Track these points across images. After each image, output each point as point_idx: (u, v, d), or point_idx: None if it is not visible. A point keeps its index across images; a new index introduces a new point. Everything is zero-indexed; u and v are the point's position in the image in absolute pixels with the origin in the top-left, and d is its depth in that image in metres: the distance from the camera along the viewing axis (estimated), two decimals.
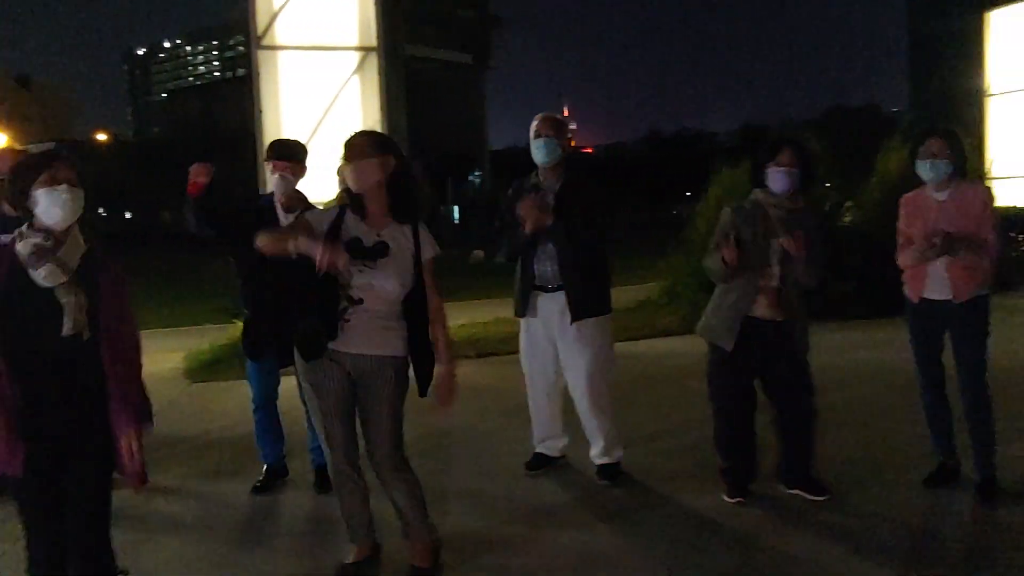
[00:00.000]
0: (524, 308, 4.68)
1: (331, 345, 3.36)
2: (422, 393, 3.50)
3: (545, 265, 4.55)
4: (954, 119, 16.88)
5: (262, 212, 4.45)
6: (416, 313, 3.45)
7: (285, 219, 4.38)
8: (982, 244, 4.07)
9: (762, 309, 4.16)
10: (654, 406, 6.33)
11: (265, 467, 4.81)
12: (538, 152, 4.58)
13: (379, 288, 3.35)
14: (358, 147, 3.40)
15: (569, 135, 4.80)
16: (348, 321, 3.36)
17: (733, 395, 4.33)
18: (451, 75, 61.52)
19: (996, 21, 15.09)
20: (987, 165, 15.09)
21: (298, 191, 4.61)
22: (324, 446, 3.57)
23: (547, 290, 4.57)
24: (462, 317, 10.66)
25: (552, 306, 4.57)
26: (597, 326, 4.59)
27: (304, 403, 3.68)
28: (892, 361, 6.80)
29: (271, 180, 4.56)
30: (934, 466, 4.42)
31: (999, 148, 15.01)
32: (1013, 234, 13.32)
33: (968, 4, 18.52)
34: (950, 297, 4.15)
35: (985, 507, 4.10)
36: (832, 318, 9.19)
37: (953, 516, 4.08)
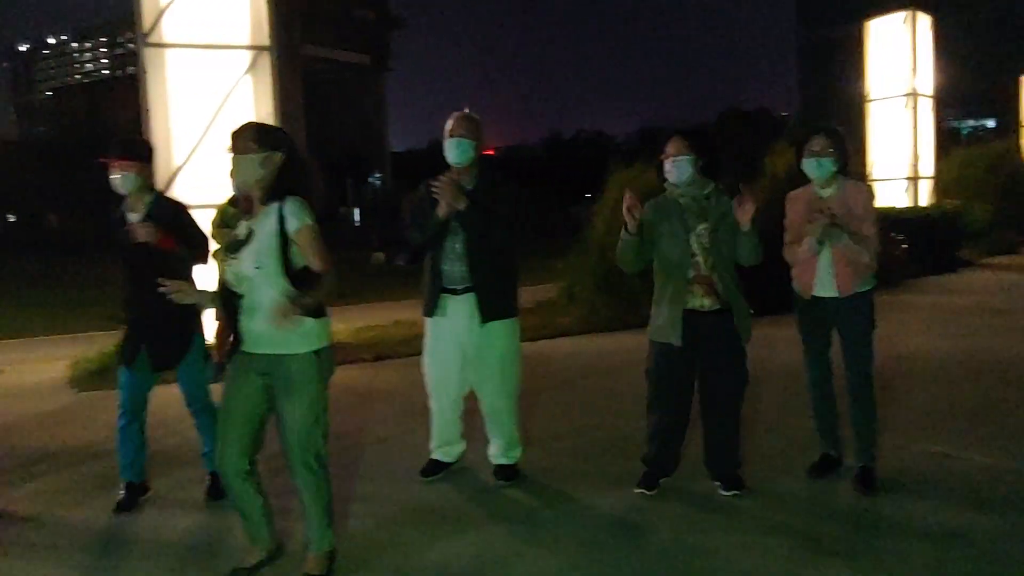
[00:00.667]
0: (432, 308, 4.61)
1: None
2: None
3: (454, 266, 4.49)
4: (839, 123, 17.49)
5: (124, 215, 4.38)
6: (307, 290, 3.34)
7: (132, 219, 4.30)
8: (863, 239, 4.21)
9: (699, 300, 4.21)
10: (554, 406, 6.37)
11: (126, 484, 4.51)
12: (451, 152, 4.51)
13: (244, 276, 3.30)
14: (241, 139, 3.34)
15: (484, 136, 4.73)
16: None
17: (678, 390, 4.35)
18: (350, 77, 60.81)
19: (875, 30, 15.73)
20: (868, 168, 15.77)
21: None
22: (221, 445, 3.48)
23: (456, 292, 4.53)
24: (361, 320, 10.55)
25: (461, 308, 4.52)
26: (506, 328, 4.58)
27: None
28: (780, 356, 7.02)
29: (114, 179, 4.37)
30: (817, 456, 4.57)
31: (879, 151, 15.66)
32: (893, 234, 13.94)
33: (850, 13, 19.28)
34: (836, 293, 4.28)
35: (865, 496, 4.24)
36: None
37: (836, 505, 4.20)
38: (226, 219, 5.35)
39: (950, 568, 3.45)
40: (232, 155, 3.33)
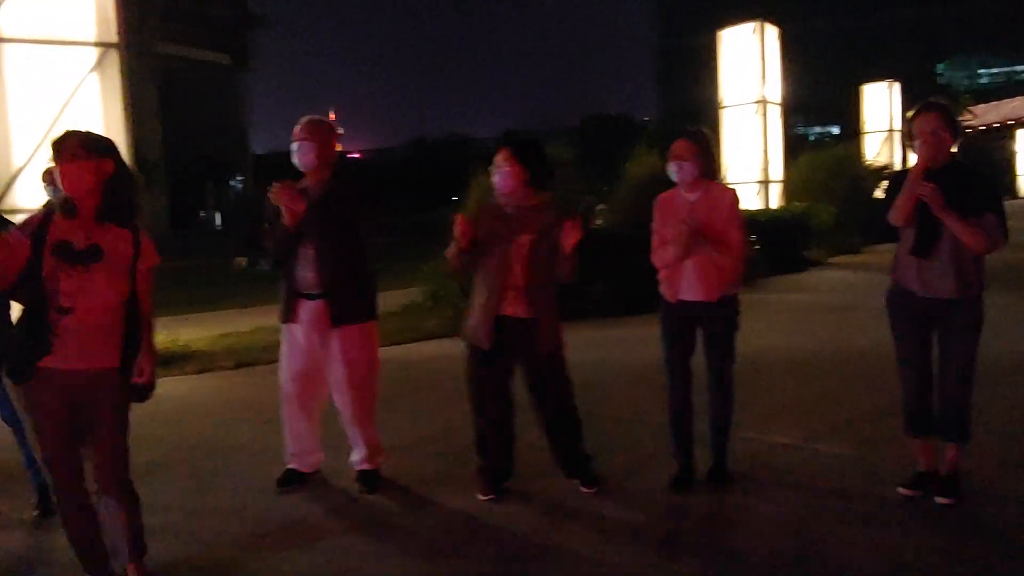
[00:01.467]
0: (288, 314, 4.54)
1: (46, 361, 3.13)
2: (135, 399, 3.37)
3: (307, 271, 4.43)
4: (715, 126, 18.14)
5: None
6: (131, 322, 3.28)
7: None
8: (729, 243, 4.29)
9: (512, 307, 4.24)
10: (418, 410, 6.35)
11: None
12: (295, 157, 4.49)
13: (93, 296, 3.16)
14: (69, 148, 3.18)
15: (333, 139, 4.67)
16: (58, 334, 3.13)
17: (491, 394, 4.39)
18: (208, 76, 58.88)
19: (727, 39, 16.38)
20: (723, 171, 16.40)
21: None
22: (45, 471, 3.32)
23: (310, 297, 4.46)
24: (222, 327, 10.26)
25: (315, 313, 4.47)
26: (362, 332, 4.54)
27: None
28: (642, 357, 7.22)
29: None
30: (674, 469, 4.55)
31: (732, 156, 16.30)
32: (752, 236, 14.53)
33: (705, 22, 20.00)
34: (702, 297, 4.34)
35: (718, 489, 4.40)
36: (585, 317, 9.64)
37: (689, 500, 4.33)
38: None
39: (792, 553, 3.62)
40: (61, 165, 3.17)
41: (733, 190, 4.47)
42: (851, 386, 6.40)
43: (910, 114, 4.06)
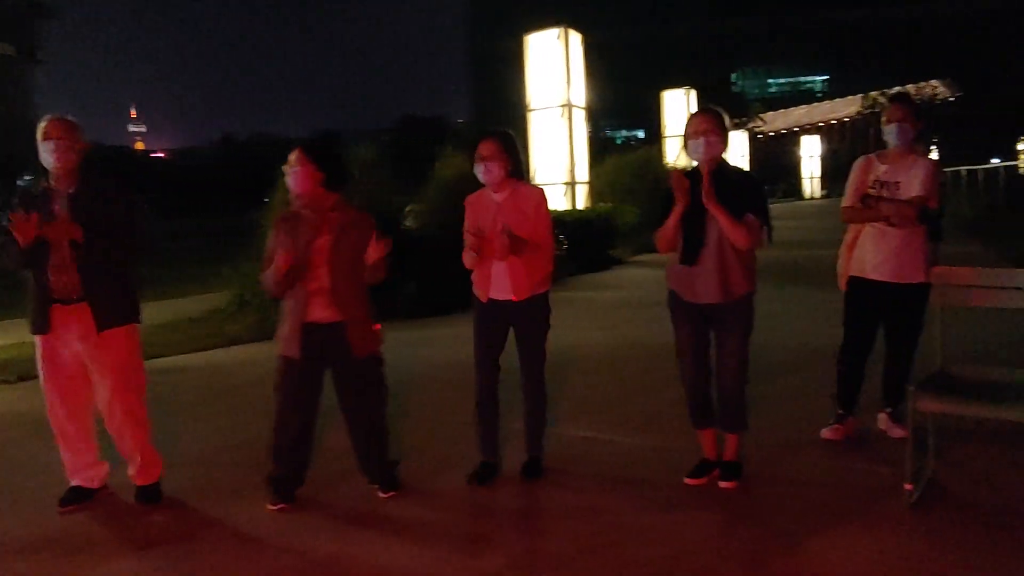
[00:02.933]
0: (42, 324, 4.26)
1: None
2: None
3: (63, 275, 4.18)
4: (523, 129, 18.41)
5: None
6: None
7: None
8: (538, 243, 4.36)
9: (319, 312, 4.18)
10: (219, 419, 6.14)
11: None
12: (43, 157, 4.24)
13: None
14: None
15: (81, 137, 4.40)
16: None
17: (299, 405, 4.28)
18: None
19: (533, 44, 16.73)
20: (531, 173, 16.75)
21: None
22: None
23: (67, 302, 4.21)
24: (5, 337, 9.57)
25: (73, 319, 4.23)
26: (127, 335, 4.35)
27: None
28: (449, 357, 7.28)
29: None
30: (478, 463, 4.63)
31: (540, 158, 16.68)
32: (556, 233, 14.92)
33: (514, 27, 20.35)
34: (512, 296, 4.38)
35: (521, 485, 4.49)
36: (395, 318, 9.61)
37: (494, 496, 4.40)
38: None
39: (592, 541, 3.75)
40: None
41: (540, 190, 4.55)
42: (652, 379, 6.69)
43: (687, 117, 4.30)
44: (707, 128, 4.13)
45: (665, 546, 3.67)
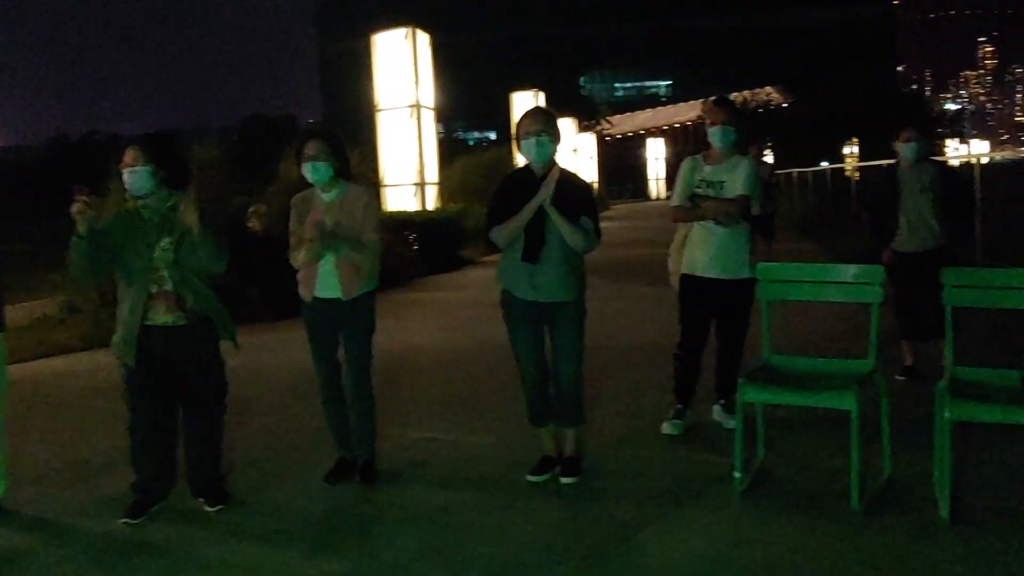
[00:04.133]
0: None
1: None
2: None
3: None
4: (358, 131, 18.20)
5: None
6: None
7: None
8: (364, 244, 4.32)
9: (161, 315, 4.01)
10: (53, 433, 5.77)
11: None
12: None
13: None
14: None
15: None
16: None
17: (151, 409, 4.11)
18: None
19: (381, 43, 16.57)
20: (381, 174, 16.61)
21: None
22: None
23: None
24: None
25: None
26: None
27: None
28: (291, 361, 7.10)
29: None
30: (333, 462, 4.60)
31: (389, 159, 16.55)
32: (410, 235, 14.85)
33: (362, 25, 20.14)
34: (339, 295, 4.35)
35: (368, 488, 4.43)
36: (239, 322, 9.30)
37: (338, 501, 4.32)
38: None
39: (436, 543, 3.72)
40: None
41: (369, 190, 4.53)
42: (496, 378, 6.70)
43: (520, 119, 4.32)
44: (539, 128, 4.16)
45: (505, 544, 3.68)
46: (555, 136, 4.20)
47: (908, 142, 5.94)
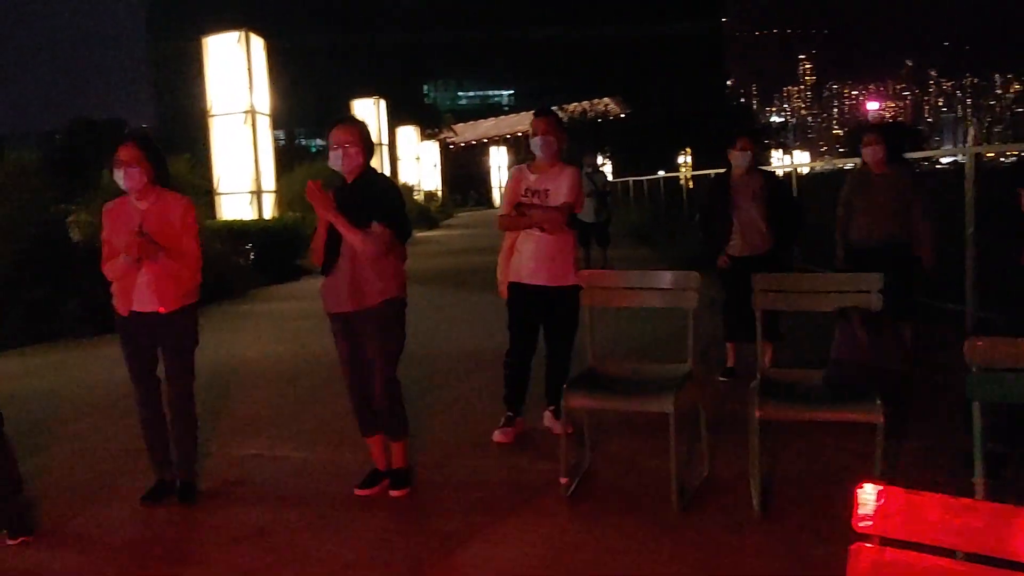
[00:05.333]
0: None
1: None
2: None
3: None
4: (192, 137, 17.50)
5: None
6: None
7: None
8: (183, 252, 4.15)
9: None
10: None
11: None
12: None
13: None
14: None
15: None
16: None
17: None
18: None
19: (213, 47, 16.02)
20: (215, 181, 16.05)
21: None
22: None
23: None
24: None
25: None
26: None
27: None
28: (112, 379, 6.73)
29: None
30: (153, 482, 4.40)
31: (223, 166, 16.01)
32: (248, 246, 14.41)
33: (195, 27, 19.37)
34: (155, 308, 4.15)
35: (188, 508, 4.25)
36: (57, 338, 8.80)
37: (164, 526, 4.11)
38: None
39: (252, 565, 3.58)
40: None
41: (187, 199, 4.34)
42: (328, 391, 6.55)
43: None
44: (348, 139, 4.10)
45: (329, 563, 3.58)
46: (364, 148, 4.14)
47: (743, 151, 6.17)
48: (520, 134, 72.35)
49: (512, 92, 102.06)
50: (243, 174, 15.98)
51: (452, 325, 9.15)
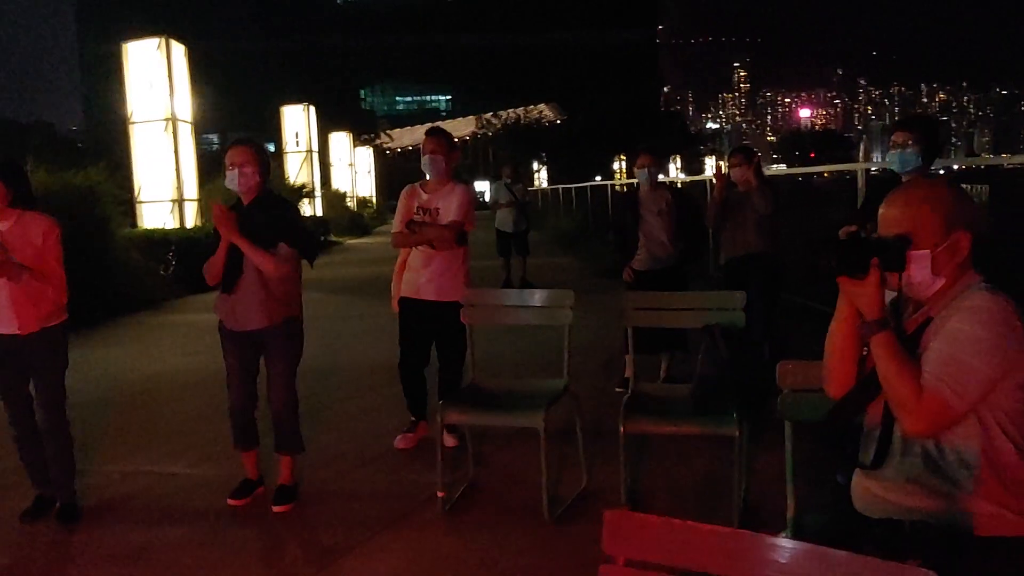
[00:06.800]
0: None
1: None
2: None
3: None
4: (118, 142, 17.18)
5: None
6: None
7: None
8: (47, 273, 4.12)
9: None
10: None
11: None
12: None
13: None
14: None
15: None
16: None
17: None
18: None
19: (133, 53, 15.83)
20: (136, 190, 15.85)
21: None
22: None
23: None
24: None
25: None
26: None
27: None
28: None
29: None
30: (32, 499, 4.40)
31: (144, 174, 15.82)
32: (164, 252, 14.25)
33: (123, 29, 19.07)
34: (16, 331, 4.12)
35: (68, 529, 4.25)
36: None
37: (42, 546, 4.12)
38: None
39: None
40: None
41: (51, 219, 4.25)
42: (223, 402, 6.59)
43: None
44: (243, 160, 4.19)
45: None
46: (259, 168, 4.25)
47: (642, 168, 6.29)
48: (456, 139, 72.56)
49: (449, 98, 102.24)
50: (164, 182, 15.81)
51: (360, 336, 9.20)
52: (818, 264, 2.11)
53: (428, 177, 5.21)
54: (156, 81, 15.68)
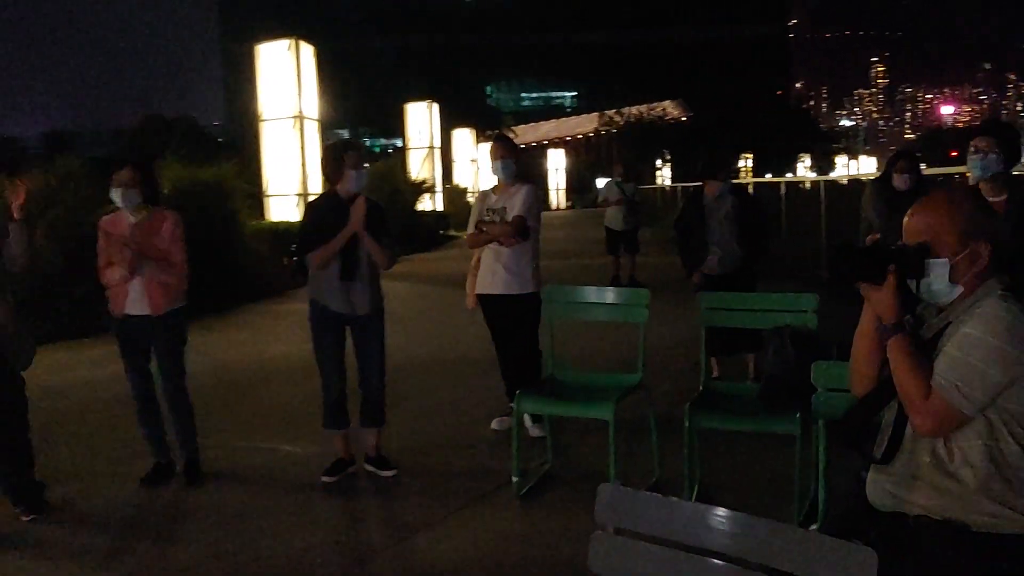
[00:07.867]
0: None
1: None
2: None
3: None
4: (255, 138, 18.13)
5: None
6: None
7: None
8: (172, 263, 4.66)
9: None
10: None
11: None
12: None
13: None
14: None
15: None
16: None
17: None
18: None
19: (264, 54, 16.64)
20: (264, 184, 16.67)
21: None
22: None
23: None
24: None
25: None
26: None
27: None
28: (106, 375, 7.21)
29: None
30: (151, 466, 4.89)
31: (272, 169, 16.62)
32: (293, 247, 14.91)
33: (258, 30, 20.02)
34: (148, 312, 4.66)
35: (191, 487, 4.77)
36: (55, 339, 9.16)
37: (154, 508, 4.57)
38: None
39: (224, 546, 4.00)
40: None
41: (176, 214, 4.79)
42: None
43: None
44: (361, 161, 4.70)
45: (292, 544, 3.99)
46: (365, 170, 4.74)
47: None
48: (580, 136, 72.67)
49: (575, 94, 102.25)
50: (291, 177, 16.57)
51: (480, 326, 9.48)
52: (836, 271, 2.23)
53: (499, 180, 5.49)
54: (285, 80, 16.44)
